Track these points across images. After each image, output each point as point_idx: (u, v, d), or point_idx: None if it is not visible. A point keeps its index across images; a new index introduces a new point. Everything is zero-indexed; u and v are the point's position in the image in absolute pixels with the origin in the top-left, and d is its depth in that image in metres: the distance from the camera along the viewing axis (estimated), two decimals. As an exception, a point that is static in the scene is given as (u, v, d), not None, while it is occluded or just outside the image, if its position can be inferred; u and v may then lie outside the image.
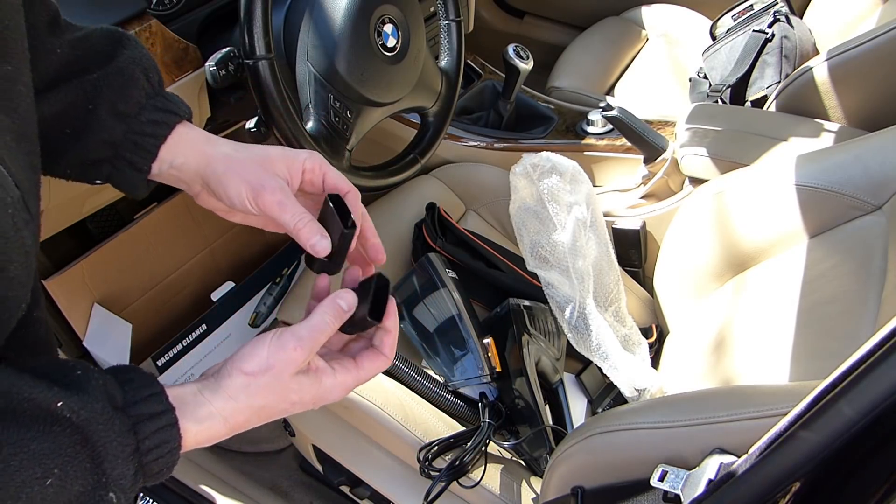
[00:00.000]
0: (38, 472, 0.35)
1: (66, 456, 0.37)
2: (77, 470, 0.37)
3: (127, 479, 0.39)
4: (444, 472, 0.86)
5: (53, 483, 0.36)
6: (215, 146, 0.56)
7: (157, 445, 0.41)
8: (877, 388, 0.40)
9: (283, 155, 0.55)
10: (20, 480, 0.35)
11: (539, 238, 1.06)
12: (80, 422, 0.37)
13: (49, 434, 0.36)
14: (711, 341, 0.96)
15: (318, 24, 0.91)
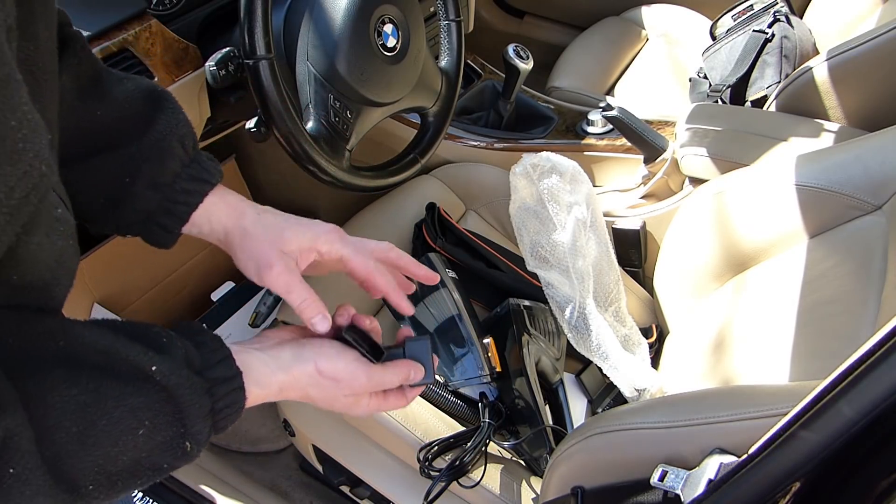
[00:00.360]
0: (134, 423, 0.41)
1: (155, 410, 0.42)
2: (163, 423, 0.42)
3: (203, 434, 0.45)
4: (444, 473, 0.86)
5: (144, 433, 0.41)
6: (239, 218, 0.59)
7: (227, 405, 0.46)
8: (877, 388, 0.40)
9: (298, 235, 0.58)
10: (120, 429, 0.40)
11: (539, 238, 1.06)
12: (168, 385, 0.42)
13: (143, 391, 0.42)
14: (711, 341, 0.96)
15: (318, 24, 0.91)
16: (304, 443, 1.06)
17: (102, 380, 0.40)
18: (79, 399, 0.39)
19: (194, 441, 0.44)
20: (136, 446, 0.41)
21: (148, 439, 0.42)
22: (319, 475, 1.19)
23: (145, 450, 0.42)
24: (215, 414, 0.45)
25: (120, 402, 0.40)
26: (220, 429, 0.47)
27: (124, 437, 0.41)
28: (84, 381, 0.40)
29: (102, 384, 0.40)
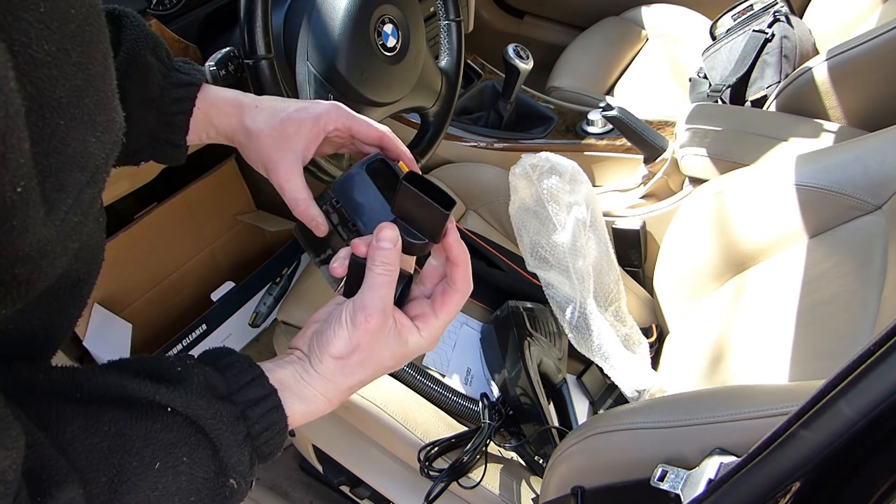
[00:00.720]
0: (170, 460, 0.37)
1: (191, 445, 0.39)
2: (202, 457, 0.39)
3: (244, 464, 0.41)
4: (444, 473, 0.86)
5: (185, 469, 0.38)
6: (239, 116, 0.58)
7: (266, 428, 0.42)
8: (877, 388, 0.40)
9: (299, 126, 0.56)
10: (156, 470, 0.37)
11: (539, 238, 1.06)
12: (191, 416, 0.39)
13: (172, 426, 0.38)
14: (711, 341, 0.96)
15: (317, 24, 0.91)
16: (304, 443, 1.06)
17: (125, 422, 0.37)
18: (101, 447, 0.36)
19: (237, 474, 0.40)
20: (180, 488, 0.38)
21: (191, 478, 0.38)
22: (319, 475, 1.19)
23: (190, 491, 0.38)
24: (254, 440, 0.42)
25: (149, 441, 0.37)
26: (265, 455, 0.43)
27: (164, 479, 0.37)
28: (105, 427, 0.36)
29: (125, 426, 0.37)
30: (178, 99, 0.57)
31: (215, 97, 0.59)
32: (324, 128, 0.57)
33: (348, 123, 0.58)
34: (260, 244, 1.56)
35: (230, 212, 1.49)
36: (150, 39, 0.56)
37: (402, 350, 0.49)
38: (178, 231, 1.39)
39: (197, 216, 1.42)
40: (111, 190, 1.06)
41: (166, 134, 0.58)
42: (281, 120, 0.56)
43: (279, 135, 0.56)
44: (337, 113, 0.57)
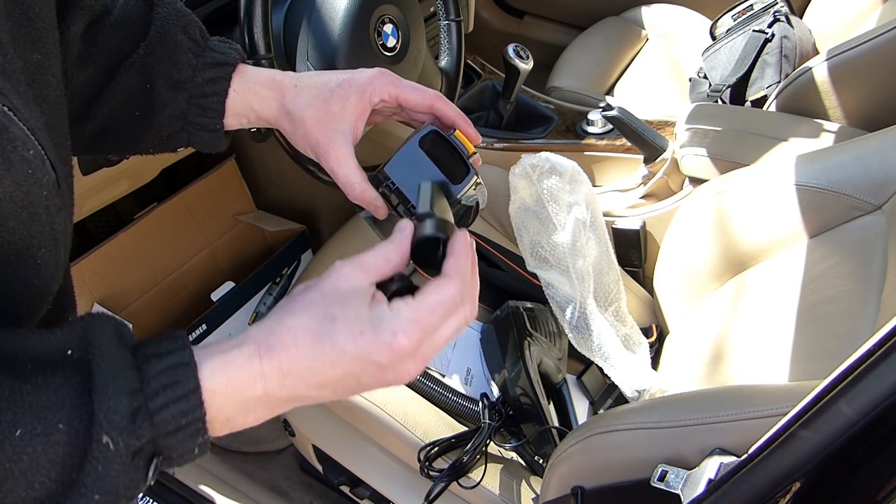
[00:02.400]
0: (38, 429, 0.31)
1: (70, 410, 0.32)
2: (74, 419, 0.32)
3: (120, 414, 0.32)
4: (444, 474, 0.86)
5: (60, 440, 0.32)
6: (281, 98, 0.54)
7: (165, 386, 0.34)
8: (877, 388, 0.40)
9: (345, 103, 0.52)
10: (16, 437, 0.31)
11: (539, 238, 1.06)
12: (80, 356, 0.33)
13: (47, 385, 0.32)
14: (711, 341, 0.96)
15: (317, 24, 0.91)
16: (304, 443, 1.06)
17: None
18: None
19: (109, 425, 0.32)
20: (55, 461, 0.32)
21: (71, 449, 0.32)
22: (319, 475, 1.19)
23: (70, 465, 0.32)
24: (147, 399, 0.34)
25: (12, 404, 0.31)
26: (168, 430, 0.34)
27: (29, 448, 0.31)
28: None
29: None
30: (210, 80, 0.53)
31: (253, 79, 0.55)
32: (369, 100, 0.53)
33: (395, 93, 0.53)
34: (260, 244, 1.56)
35: (230, 212, 1.49)
36: (181, 17, 0.54)
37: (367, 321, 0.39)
38: (178, 231, 1.39)
39: (197, 216, 1.42)
40: (111, 190, 1.06)
41: (200, 118, 0.54)
42: (325, 99, 0.52)
43: (324, 115, 0.52)
44: (381, 82, 0.53)
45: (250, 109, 0.55)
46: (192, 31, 0.54)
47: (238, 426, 0.39)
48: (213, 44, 0.55)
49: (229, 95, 0.54)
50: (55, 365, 0.33)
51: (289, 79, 0.55)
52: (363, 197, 0.52)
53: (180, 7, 0.54)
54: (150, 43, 0.53)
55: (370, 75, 0.53)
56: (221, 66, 0.54)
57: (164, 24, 0.53)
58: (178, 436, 0.35)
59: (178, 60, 0.53)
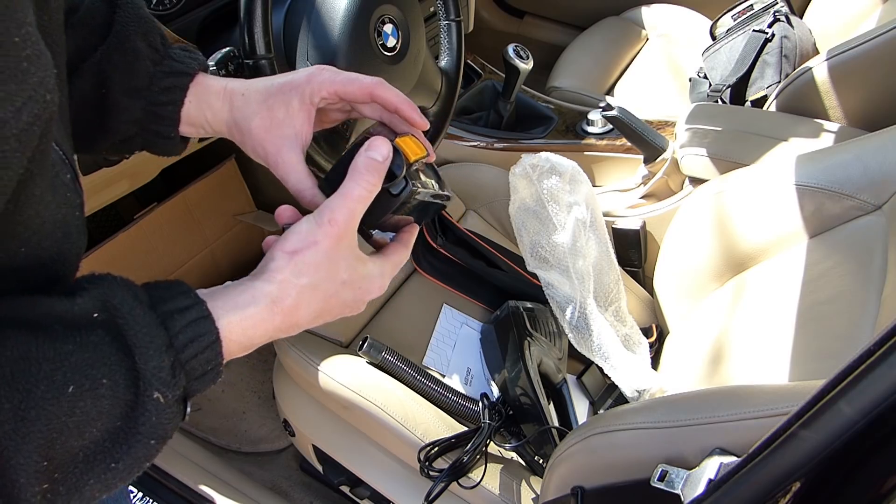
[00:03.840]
0: (86, 384, 0.34)
1: (111, 365, 0.35)
2: (125, 378, 0.36)
3: (164, 371, 0.36)
4: (444, 474, 0.86)
5: (105, 394, 0.35)
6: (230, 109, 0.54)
7: (192, 339, 0.38)
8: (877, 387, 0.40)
9: (289, 108, 0.52)
10: (70, 394, 0.34)
11: (539, 238, 1.06)
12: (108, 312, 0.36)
13: (87, 345, 0.35)
14: (711, 341, 0.96)
15: (317, 24, 0.91)
16: (304, 443, 1.06)
17: (30, 345, 0.34)
18: (3, 373, 0.33)
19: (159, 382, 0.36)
20: (102, 412, 0.35)
21: (115, 401, 0.35)
22: (319, 475, 1.19)
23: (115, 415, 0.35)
24: (178, 352, 0.38)
25: (59, 364, 0.34)
26: (197, 376, 0.39)
27: (81, 403, 0.34)
28: (7, 352, 0.33)
29: (31, 349, 0.34)
30: (166, 88, 0.53)
31: (206, 90, 0.54)
32: (311, 101, 0.52)
33: (333, 88, 0.52)
34: (260, 244, 1.56)
35: (230, 212, 1.49)
36: (142, 23, 0.53)
37: (357, 274, 0.47)
38: (178, 231, 1.39)
39: (197, 216, 1.42)
40: (111, 190, 1.06)
41: (155, 125, 0.54)
42: (269, 106, 0.52)
43: (270, 123, 0.52)
44: (319, 79, 0.52)
45: (205, 121, 0.55)
46: (153, 38, 0.54)
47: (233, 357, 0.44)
48: (173, 52, 0.55)
49: (185, 105, 0.54)
50: (86, 326, 0.36)
51: (238, 87, 0.54)
52: (314, 203, 0.52)
53: (143, 13, 0.54)
54: (109, 47, 0.52)
55: (307, 74, 0.52)
56: (179, 75, 0.54)
57: (124, 28, 0.52)
58: (203, 380, 0.40)
59: (135, 67, 0.52)
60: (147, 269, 1.36)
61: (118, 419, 0.36)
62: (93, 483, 0.36)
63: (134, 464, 0.37)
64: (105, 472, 0.36)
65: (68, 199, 0.39)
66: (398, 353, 0.95)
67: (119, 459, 0.36)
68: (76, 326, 0.36)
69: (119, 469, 0.36)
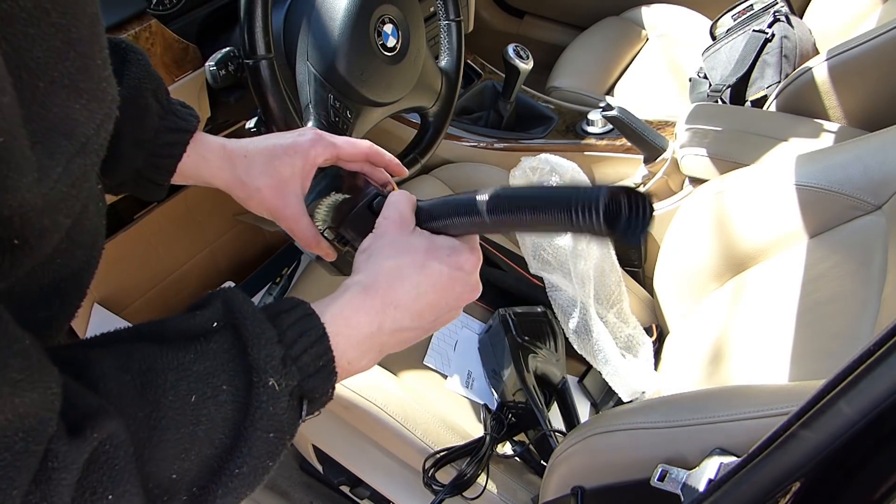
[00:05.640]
0: (208, 392, 0.36)
1: (230, 372, 0.37)
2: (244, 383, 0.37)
3: (275, 359, 0.38)
4: (445, 490, 0.86)
5: (227, 400, 0.37)
6: (231, 168, 0.59)
7: (300, 334, 0.40)
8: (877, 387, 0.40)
9: (294, 168, 0.58)
10: (194, 402, 0.35)
11: (541, 241, 1.06)
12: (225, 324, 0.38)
13: (206, 353, 0.37)
14: (711, 341, 0.96)
15: (318, 24, 0.91)
16: (304, 443, 1.06)
17: (155, 357, 0.36)
18: (133, 384, 0.35)
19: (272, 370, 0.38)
20: (227, 417, 0.36)
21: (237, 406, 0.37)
22: (319, 475, 1.19)
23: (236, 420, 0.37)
24: (288, 347, 0.39)
25: (183, 374, 0.36)
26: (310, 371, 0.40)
27: (205, 410, 0.36)
28: (135, 365, 0.35)
29: (156, 361, 0.36)
30: (169, 143, 0.57)
31: (206, 147, 0.59)
32: (313, 163, 0.59)
33: (334, 152, 0.60)
34: (260, 244, 1.56)
35: (230, 212, 1.49)
36: (152, 79, 0.56)
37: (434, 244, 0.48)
38: (178, 231, 1.39)
39: (197, 216, 1.42)
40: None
41: (151, 174, 0.58)
42: (274, 167, 0.58)
43: (277, 182, 0.58)
44: (322, 144, 0.59)
45: (199, 176, 0.60)
46: (160, 94, 0.57)
47: (355, 370, 0.45)
48: (175, 108, 0.59)
49: (182, 159, 0.58)
50: (205, 335, 0.38)
51: (238, 148, 0.59)
52: (318, 248, 0.60)
53: (151, 69, 0.57)
54: (123, 100, 0.54)
55: (311, 140, 0.59)
56: (181, 132, 0.58)
57: (137, 85, 0.55)
58: (318, 377, 0.41)
59: (144, 122, 0.56)
60: (147, 269, 1.36)
61: (237, 414, 0.37)
62: (221, 494, 0.37)
63: (258, 465, 0.37)
64: (231, 478, 0.37)
65: (100, 208, 0.42)
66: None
67: (243, 462, 0.37)
68: (196, 337, 0.38)
69: (244, 474, 0.37)
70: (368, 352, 0.45)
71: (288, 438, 0.39)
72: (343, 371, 0.43)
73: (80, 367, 0.34)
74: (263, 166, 0.58)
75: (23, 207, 0.29)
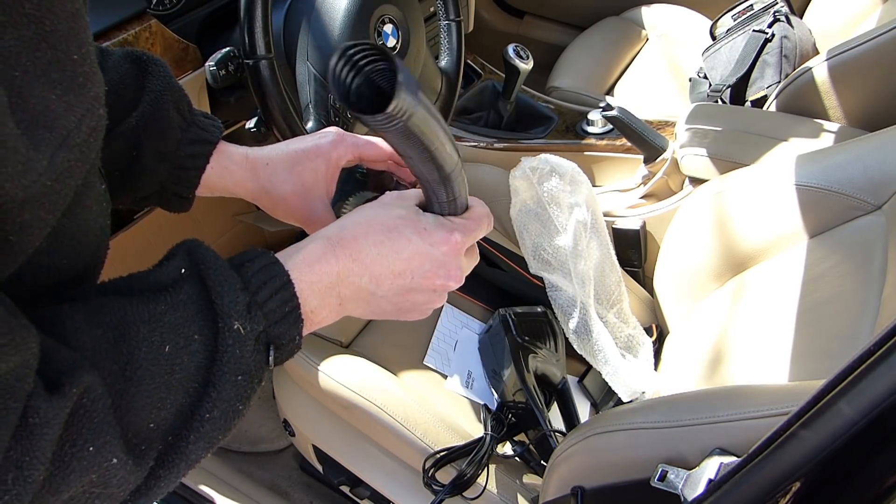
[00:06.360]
0: (181, 342, 0.36)
1: (200, 322, 0.37)
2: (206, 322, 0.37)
3: (240, 305, 0.38)
4: (445, 490, 0.86)
5: (199, 349, 0.37)
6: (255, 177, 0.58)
7: (264, 282, 0.40)
8: (877, 387, 0.40)
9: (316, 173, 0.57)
10: (169, 353, 0.36)
11: (541, 241, 1.06)
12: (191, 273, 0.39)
13: (177, 304, 0.37)
14: (711, 341, 0.96)
15: (318, 25, 0.91)
16: (304, 443, 1.06)
17: (126, 309, 0.36)
18: (106, 337, 0.35)
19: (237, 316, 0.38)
20: (200, 367, 0.37)
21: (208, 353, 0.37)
22: (319, 475, 1.19)
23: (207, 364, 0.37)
24: (254, 294, 0.39)
25: (155, 326, 0.36)
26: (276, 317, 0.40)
27: (179, 360, 0.36)
28: (106, 318, 0.35)
29: (128, 313, 0.36)
30: (192, 155, 0.57)
31: (229, 158, 0.58)
32: (337, 164, 0.58)
33: (357, 152, 0.58)
34: (260, 244, 1.56)
35: (230, 212, 1.49)
36: (174, 91, 0.56)
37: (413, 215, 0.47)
38: (178, 231, 1.39)
39: (197, 216, 1.42)
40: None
41: (176, 186, 0.57)
42: (297, 173, 0.57)
43: (301, 188, 0.57)
44: (345, 145, 0.58)
45: (224, 187, 0.59)
46: (182, 106, 0.57)
47: (318, 320, 0.44)
48: (198, 119, 0.58)
49: (206, 171, 0.57)
50: (174, 286, 0.38)
51: (260, 157, 0.58)
52: None
53: (173, 81, 0.56)
54: (143, 114, 0.54)
55: (333, 142, 0.58)
56: (204, 143, 0.57)
57: (158, 97, 0.54)
58: (284, 323, 0.41)
59: (166, 135, 0.55)
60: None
61: (207, 360, 0.37)
62: (194, 440, 0.37)
63: (228, 408, 0.38)
64: (202, 423, 0.37)
65: (104, 208, 0.41)
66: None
67: (213, 406, 0.37)
68: (165, 288, 0.38)
69: (215, 418, 0.37)
70: (327, 300, 0.44)
71: (256, 382, 0.40)
72: (307, 319, 0.43)
73: (51, 322, 0.35)
74: (286, 173, 0.57)
75: (1, 198, 0.29)
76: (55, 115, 0.32)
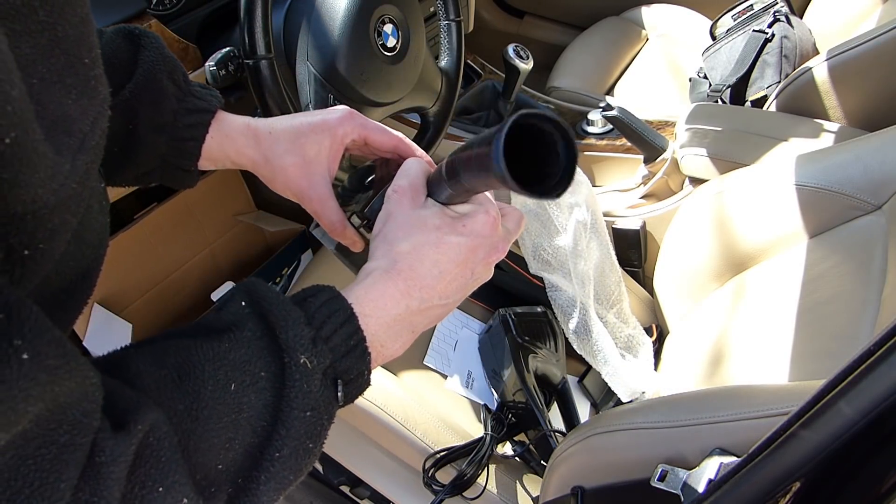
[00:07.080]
0: (247, 380, 0.36)
1: (266, 359, 0.37)
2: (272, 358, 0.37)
3: (305, 339, 0.38)
4: (445, 490, 0.86)
5: (266, 387, 0.37)
6: (257, 145, 0.57)
7: (328, 316, 0.40)
8: (877, 387, 0.40)
9: (320, 145, 0.56)
10: (235, 391, 0.36)
11: (541, 241, 1.06)
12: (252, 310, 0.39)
13: (241, 341, 0.37)
14: (711, 341, 0.96)
15: (318, 24, 0.91)
16: (304, 443, 1.06)
17: (190, 350, 0.36)
18: (171, 377, 0.35)
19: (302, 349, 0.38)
20: (268, 404, 0.37)
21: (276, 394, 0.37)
22: (319, 475, 1.19)
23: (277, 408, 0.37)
24: (317, 329, 0.39)
25: (219, 364, 0.36)
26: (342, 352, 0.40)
27: (245, 398, 0.36)
28: (170, 359, 0.35)
29: (192, 354, 0.36)
30: (190, 125, 0.56)
31: (230, 126, 0.57)
32: (342, 141, 0.56)
33: (363, 133, 0.57)
34: (260, 244, 1.56)
35: (230, 212, 1.49)
36: (167, 62, 0.55)
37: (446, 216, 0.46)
38: (178, 231, 1.39)
39: (197, 216, 1.42)
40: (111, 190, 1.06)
41: (177, 159, 0.57)
42: (300, 144, 0.55)
43: (302, 161, 0.55)
44: (352, 124, 0.56)
45: (225, 156, 0.58)
46: (177, 76, 0.56)
47: (389, 353, 0.44)
48: (194, 89, 0.57)
49: (206, 141, 0.57)
50: (237, 323, 0.38)
51: (263, 126, 0.57)
52: (344, 234, 0.57)
53: (166, 52, 0.56)
54: (137, 86, 0.54)
55: (340, 118, 0.56)
56: (202, 112, 0.56)
57: (151, 68, 0.54)
58: (350, 357, 0.41)
59: (161, 105, 0.55)
60: (147, 269, 1.36)
61: (274, 398, 0.37)
62: (265, 480, 0.36)
63: (298, 446, 0.37)
64: (272, 463, 0.36)
65: (103, 206, 0.42)
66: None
67: (282, 445, 0.37)
68: (228, 327, 0.38)
69: (286, 457, 0.37)
70: (400, 333, 0.44)
71: (326, 419, 0.39)
72: (377, 353, 0.43)
73: (114, 366, 0.34)
74: (289, 144, 0.56)
75: (36, 204, 0.29)
76: (72, 119, 0.32)
